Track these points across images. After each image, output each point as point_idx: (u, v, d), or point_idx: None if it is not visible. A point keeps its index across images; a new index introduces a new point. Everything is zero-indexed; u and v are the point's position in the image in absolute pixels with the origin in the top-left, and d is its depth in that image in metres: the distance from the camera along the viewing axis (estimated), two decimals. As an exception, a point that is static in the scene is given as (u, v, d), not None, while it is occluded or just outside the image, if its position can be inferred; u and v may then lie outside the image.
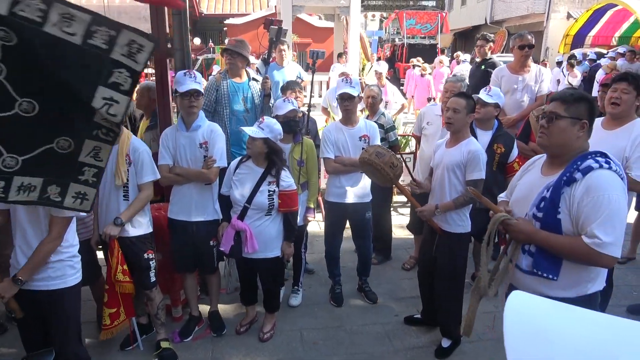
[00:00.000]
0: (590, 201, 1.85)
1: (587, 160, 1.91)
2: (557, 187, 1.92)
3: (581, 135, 1.99)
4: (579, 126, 1.98)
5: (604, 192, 1.84)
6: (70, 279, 2.45)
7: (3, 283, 2.34)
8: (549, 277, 1.99)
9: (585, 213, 1.87)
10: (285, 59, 5.95)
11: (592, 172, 1.87)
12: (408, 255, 4.79)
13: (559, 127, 1.99)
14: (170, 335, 3.39)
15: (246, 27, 15.32)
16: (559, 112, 1.99)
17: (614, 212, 1.83)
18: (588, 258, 1.89)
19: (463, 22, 26.61)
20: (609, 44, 16.53)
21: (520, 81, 4.71)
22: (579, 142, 2.00)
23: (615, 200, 1.84)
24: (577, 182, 1.89)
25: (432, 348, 3.35)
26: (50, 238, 2.33)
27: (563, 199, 1.92)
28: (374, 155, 3.14)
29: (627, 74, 3.26)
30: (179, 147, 3.22)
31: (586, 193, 1.86)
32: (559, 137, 1.99)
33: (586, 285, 2.01)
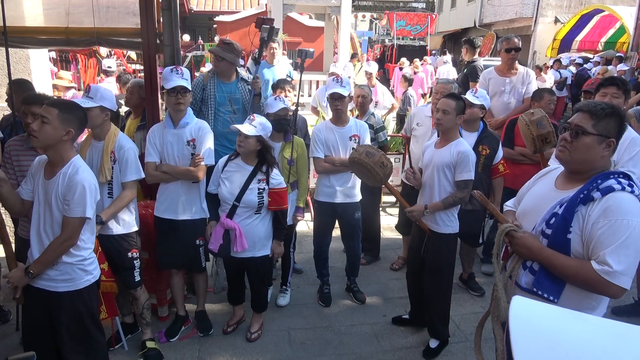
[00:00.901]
0: (607, 224, 1.69)
1: (608, 180, 1.74)
2: (572, 205, 1.76)
3: (606, 155, 1.81)
4: (605, 144, 1.80)
5: (623, 217, 1.67)
6: (80, 282, 2.43)
7: (16, 271, 2.34)
8: (549, 299, 1.82)
9: (598, 236, 1.70)
10: (275, 57, 5.93)
11: (612, 194, 1.71)
12: (396, 255, 4.80)
13: (583, 144, 1.80)
14: (156, 335, 3.35)
15: (236, 25, 15.23)
16: (586, 127, 1.80)
17: (631, 239, 1.67)
18: (595, 285, 1.72)
19: (452, 25, 26.77)
20: (595, 49, 16.78)
21: (507, 83, 4.77)
22: (603, 161, 1.82)
23: (635, 227, 1.67)
24: (595, 201, 1.73)
25: (420, 348, 3.36)
26: (60, 239, 2.33)
27: (577, 218, 1.75)
28: (364, 154, 3.13)
29: (615, 78, 3.30)
30: (166, 145, 3.17)
31: (603, 215, 1.70)
32: (582, 154, 1.81)
33: (586, 312, 1.82)
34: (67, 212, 2.31)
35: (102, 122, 2.87)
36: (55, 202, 2.32)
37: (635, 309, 3.83)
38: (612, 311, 3.87)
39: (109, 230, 2.92)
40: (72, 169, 2.34)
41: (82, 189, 2.31)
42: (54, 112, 2.28)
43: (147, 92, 3.68)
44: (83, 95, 2.89)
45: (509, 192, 3.71)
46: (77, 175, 2.32)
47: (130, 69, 12.17)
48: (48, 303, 2.40)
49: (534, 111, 3.41)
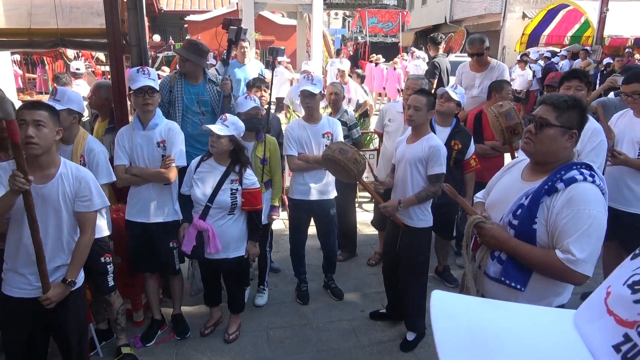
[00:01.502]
0: (570, 214, 1.73)
1: (571, 171, 1.79)
2: (537, 196, 1.81)
3: (569, 146, 1.87)
4: (568, 136, 1.85)
5: (585, 206, 1.72)
6: (80, 278, 2.44)
7: (56, 288, 2.27)
8: (516, 287, 1.88)
9: (562, 226, 1.75)
10: (247, 57, 5.88)
11: (575, 184, 1.76)
12: (373, 251, 4.84)
13: (547, 135, 1.85)
14: (132, 341, 3.29)
15: (207, 24, 15.07)
16: (549, 119, 1.85)
17: (593, 228, 1.72)
18: (559, 273, 1.78)
19: (424, 21, 27.10)
20: (562, 43, 17.22)
21: (477, 77, 4.86)
22: (566, 152, 1.88)
23: (596, 216, 1.73)
24: (559, 192, 1.78)
25: (398, 342, 3.40)
26: (87, 235, 2.37)
27: (542, 209, 1.80)
28: (337, 151, 3.14)
29: (578, 71, 3.39)
30: (135, 147, 3.11)
31: (567, 205, 1.75)
32: (546, 145, 1.86)
33: (552, 298, 1.93)
34: (90, 207, 2.35)
35: (69, 125, 2.81)
36: (64, 203, 2.29)
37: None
38: (581, 297, 3.99)
39: None
40: (70, 167, 2.35)
41: (94, 181, 2.38)
42: (45, 114, 2.24)
43: (114, 94, 3.60)
44: (50, 98, 2.82)
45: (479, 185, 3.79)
46: (80, 171, 2.36)
47: (99, 70, 11.89)
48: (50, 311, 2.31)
49: (503, 103, 3.48)
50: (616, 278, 0.62)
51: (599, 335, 0.58)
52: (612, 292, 0.60)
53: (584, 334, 0.60)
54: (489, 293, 2.01)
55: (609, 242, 3.86)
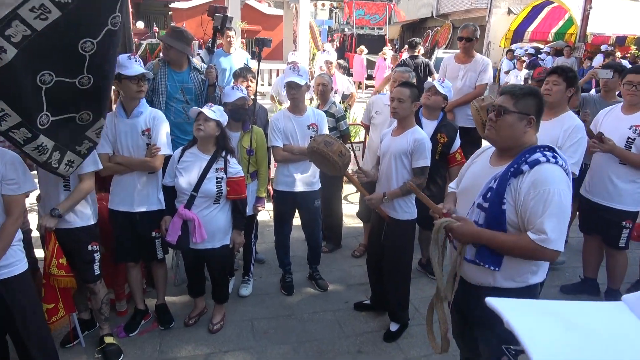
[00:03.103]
0: (537, 195, 1.86)
1: (535, 154, 1.93)
2: (504, 178, 1.94)
3: (528, 130, 2.01)
4: (526, 121, 1.99)
5: (549, 186, 1.85)
6: (23, 262, 2.41)
7: None
8: (491, 268, 2.02)
9: (531, 207, 1.88)
10: (232, 46, 5.83)
11: (539, 166, 1.89)
12: (358, 243, 4.87)
13: (506, 121, 1.99)
14: (115, 330, 3.27)
15: (192, 12, 14.86)
16: (507, 106, 2.00)
17: (558, 206, 1.85)
18: (533, 253, 1.91)
19: (410, 14, 27.12)
20: (546, 40, 17.43)
21: (461, 69, 4.91)
22: (527, 136, 2.01)
23: (560, 194, 1.86)
24: (524, 174, 1.90)
25: (381, 332, 3.44)
26: (12, 219, 2.31)
27: (509, 190, 1.93)
28: (323, 144, 3.14)
29: (557, 67, 3.47)
30: (118, 135, 3.07)
31: (532, 186, 1.87)
32: (506, 131, 2.00)
33: (528, 276, 2.05)
34: (17, 191, 2.29)
35: None
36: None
37: (582, 286, 4.06)
38: (560, 289, 4.09)
39: (66, 223, 2.82)
40: (1, 152, 2.29)
41: (21, 164, 2.30)
42: None
43: (98, 81, 3.54)
44: None
45: None
46: (6, 154, 2.29)
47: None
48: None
49: (484, 97, 3.53)
50: None
51: None
52: None
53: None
54: (466, 275, 2.16)
55: (589, 237, 3.98)
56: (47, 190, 2.84)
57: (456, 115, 4.91)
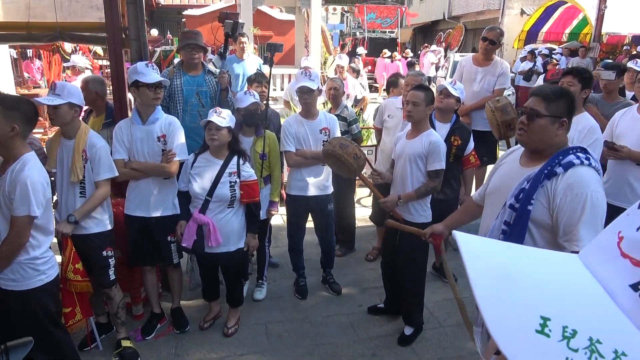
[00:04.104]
0: (573, 198, 1.85)
1: (568, 156, 1.91)
2: (537, 180, 1.92)
3: (560, 133, 1.99)
4: (558, 124, 1.98)
5: (585, 189, 1.84)
6: (31, 281, 2.39)
7: None
8: None
9: (566, 210, 1.87)
10: (245, 52, 5.88)
11: (573, 169, 1.88)
12: (371, 246, 4.86)
13: (538, 125, 1.97)
14: (132, 334, 3.31)
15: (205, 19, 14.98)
16: (539, 109, 1.98)
17: (593, 210, 1.85)
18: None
19: (422, 17, 27.05)
20: (560, 40, 17.23)
21: (479, 72, 4.83)
22: (559, 138, 2.00)
23: (595, 197, 1.86)
24: (558, 176, 1.89)
25: (396, 336, 3.42)
26: (8, 238, 2.29)
27: (542, 192, 1.91)
28: (338, 146, 3.15)
29: (572, 68, 3.43)
30: (135, 141, 3.11)
31: (568, 188, 1.86)
32: (538, 135, 1.99)
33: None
34: (14, 211, 2.25)
35: (71, 119, 2.81)
36: (3, 199, 2.28)
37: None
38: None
39: (82, 229, 2.87)
40: (19, 165, 2.28)
41: (24, 186, 2.24)
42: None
43: (114, 89, 3.60)
44: (49, 92, 2.81)
45: None
46: (22, 172, 2.26)
47: (97, 64, 11.85)
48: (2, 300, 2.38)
49: (499, 98, 3.51)
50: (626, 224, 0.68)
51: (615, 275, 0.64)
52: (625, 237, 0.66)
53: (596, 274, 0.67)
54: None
55: None
56: (64, 196, 2.89)
57: (473, 118, 4.84)
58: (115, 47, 3.53)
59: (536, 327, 0.59)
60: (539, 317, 0.60)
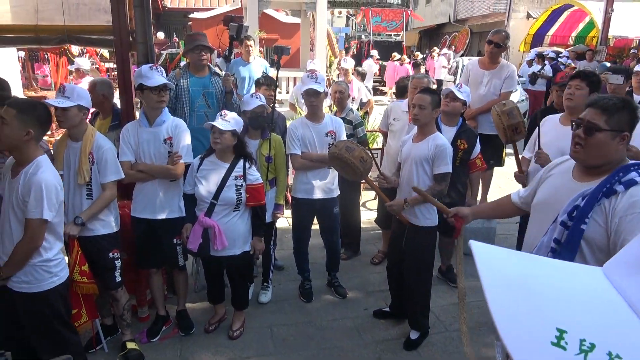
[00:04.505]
0: (634, 217, 1.70)
1: (630, 173, 1.76)
2: (593, 197, 1.76)
3: (621, 148, 1.84)
4: (619, 139, 1.82)
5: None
6: (43, 283, 2.42)
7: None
8: None
9: (627, 230, 1.71)
10: (251, 55, 5.90)
11: (636, 187, 1.73)
12: (376, 249, 4.84)
13: (598, 140, 1.81)
14: (138, 336, 3.31)
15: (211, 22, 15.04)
16: (598, 123, 1.80)
17: None
18: None
19: (427, 20, 27.04)
20: (566, 43, 17.17)
21: (485, 76, 4.81)
22: (618, 154, 1.84)
23: None
24: (618, 195, 1.74)
25: (401, 340, 3.40)
26: (22, 241, 2.32)
27: (600, 210, 1.76)
28: (344, 149, 3.15)
29: (580, 71, 3.41)
30: (141, 143, 3.13)
31: (630, 208, 1.71)
32: (597, 151, 1.82)
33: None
34: (27, 214, 2.29)
35: (79, 121, 2.83)
36: (16, 201, 2.30)
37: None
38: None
39: (89, 231, 2.88)
40: (33, 168, 2.31)
41: (39, 189, 2.27)
42: (12, 113, 2.25)
43: (120, 91, 3.62)
44: (58, 95, 2.82)
45: None
46: (36, 175, 2.29)
47: (104, 67, 11.92)
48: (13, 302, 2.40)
49: (506, 102, 3.48)
50: None
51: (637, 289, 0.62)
52: None
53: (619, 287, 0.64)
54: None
55: None
56: (70, 198, 2.89)
57: (479, 122, 4.82)
58: (122, 50, 3.56)
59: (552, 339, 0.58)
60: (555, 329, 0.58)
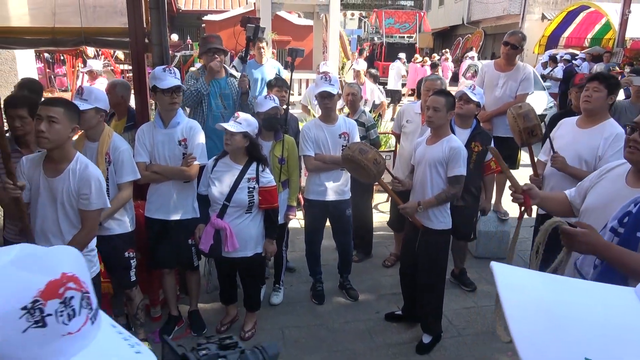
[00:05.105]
0: None
1: None
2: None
3: None
4: None
5: None
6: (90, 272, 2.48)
7: None
8: None
9: None
10: (264, 57, 5.91)
11: None
12: (388, 252, 4.82)
13: None
14: (150, 336, 3.34)
15: (225, 24, 15.13)
16: None
17: None
18: None
19: (441, 22, 26.93)
20: (582, 45, 16.95)
21: (501, 78, 4.76)
22: None
23: None
24: None
25: (413, 344, 3.38)
26: (84, 232, 2.46)
27: None
28: (357, 152, 3.14)
29: (598, 74, 3.36)
30: (156, 144, 3.15)
31: None
32: None
33: None
34: (88, 206, 2.41)
35: (96, 123, 2.87)
36: (67, 198, 2.38)
37: None
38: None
39: (106, 230, 2.91)
40: (80, 165, 2.41)
41: (97, 182, 2.43)
42: (60, 111, 2.31)
43: (136, 93, 3.66)
44: (76, 97, 2.86)
45: None
46: (87, 170, 2.41)
47: (118, 69, 12.05)
48: None
49: (522, 104, 3.45)
50: None
51: None
52: None
53: None
54: None
55: None
56: None
57: (495, 124, 4.77)
58: (137, 51, 3.59)
59: None
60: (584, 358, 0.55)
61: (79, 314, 0.63)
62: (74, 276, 0.64)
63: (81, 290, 0.65)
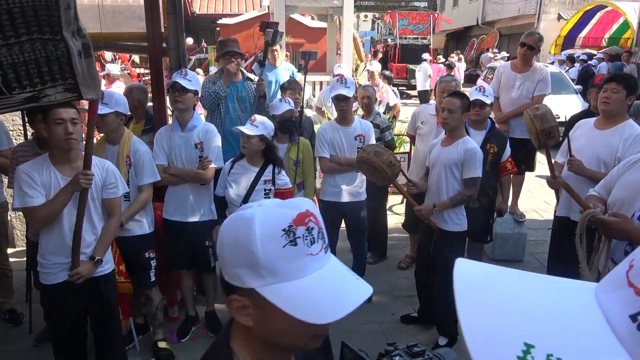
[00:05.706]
0: None
1: None
2: None
3: None
4: None
5: None
6: (110, 263, 2.68)
7: (85, 264, 2.47)
8: None
9: None
10: (278, 59, 5.95)
11: None
12: (403, 254, 4.81)
13: None
14: (168, 335, 3.38)
15: (239, 27, 15.26)
16: None
17: None
18: None
19: (455, 23, 26.75)
20: (599, 45, 16.72)
21: (518, 79, 4.72)
22: None
23: None
24: None
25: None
26: (114, 220, 2.62)
27: None
28: (372, 154, 3.15)
29: (616, 74, 3.32)
30: (173, 147, 3.21)
31: None
32: None
33: None
34: (116, 194, 2.57)
35: (117, 127, 2.94)
36: (95, 192, 2.49)
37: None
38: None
39: (126, 232, 2.97)
40: (94, 159, 2.50)
41: (116, 170, 2.60)
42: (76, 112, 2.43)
43: (153, 96, 3.72)
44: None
45: None
46: (103, 161, 2.59)
47: (135, 72, 12.23)
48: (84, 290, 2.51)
49: (539, 106, 3.42)
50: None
51: (617, 305, 0.59)
52: (635, 265, 0.60)
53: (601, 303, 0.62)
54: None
55: None
56: None
57: (511, 126, 4.72)
58: (155, 56, 3.65)
59: (518, 353, 0.56)
60: (523, 343, 0.56)
61: (317, 242, 0.83)
62: (314, 214, 0.84)
63: (318, 225, 0.85)
